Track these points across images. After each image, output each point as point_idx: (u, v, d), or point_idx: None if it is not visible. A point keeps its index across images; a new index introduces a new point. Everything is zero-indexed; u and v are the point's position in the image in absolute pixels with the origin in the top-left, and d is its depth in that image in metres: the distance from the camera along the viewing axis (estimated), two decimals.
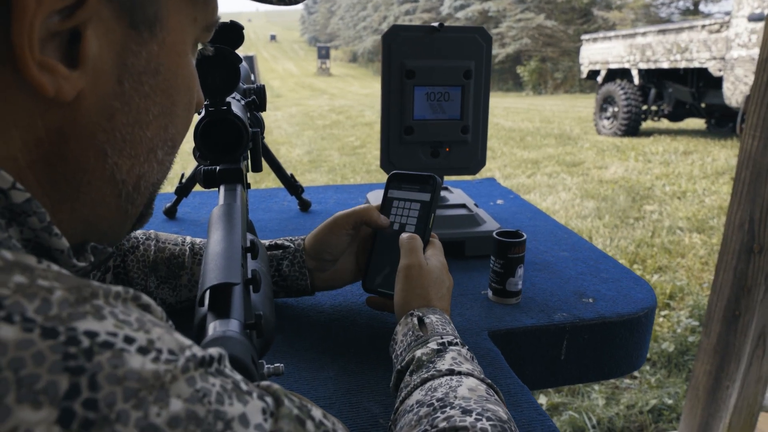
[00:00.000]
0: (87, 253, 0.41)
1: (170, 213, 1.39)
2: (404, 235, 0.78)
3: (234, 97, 0.77)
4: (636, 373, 2.46)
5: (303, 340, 0.83)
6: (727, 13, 7.39)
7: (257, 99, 0.82)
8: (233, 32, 0.94)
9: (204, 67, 0.65)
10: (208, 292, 0.49)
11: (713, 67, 7.37)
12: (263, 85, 0.87)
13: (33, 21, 0.29)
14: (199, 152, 0.69)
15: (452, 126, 1.16)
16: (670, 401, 2.23)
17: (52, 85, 0.31)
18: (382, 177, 5.82)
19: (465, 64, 1.14)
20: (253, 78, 1.05)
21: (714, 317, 1.68)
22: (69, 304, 0.25)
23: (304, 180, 6.01)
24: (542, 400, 2.25)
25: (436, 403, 0.52)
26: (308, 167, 6.86)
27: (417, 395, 0.56)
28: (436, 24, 1.12)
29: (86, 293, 0.26)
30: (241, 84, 0.87)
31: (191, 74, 0.43)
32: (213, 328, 0.46)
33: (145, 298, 0.31)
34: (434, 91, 1.14)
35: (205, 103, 0.68)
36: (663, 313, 2.99)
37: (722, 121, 8.43)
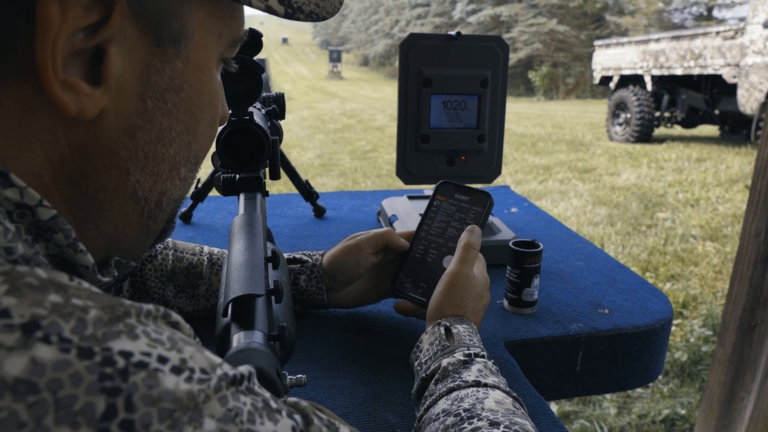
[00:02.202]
0: (111, 267, 0.41)
1: (186, 218, 1.40)
2: (465, 239, 0.75)
3: (255, 106, 0.77)
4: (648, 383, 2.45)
5: (320, 349, 0.83)
6: (742, 20, 7.35)
7: (277, 108, 0.82)
8: (252, 40, 0.95)
9: (227, 77, 0.66)
10: (231, 303, 0.49)
11: (727, 74, 7.32)
12: (282, 94, 0.87)
13: (57, 39, 0.29)
14: (220, 161, 0.69)
15: (468, 134, 1.16)
16: (683, 411, 2.22)
17: (74, 104, 0.31)
18: (393, 182, 5.83)
19: (482, 73, 1.14)
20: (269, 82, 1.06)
21: (729, 327, 1.67)
22: (103, 324, 0.26)
23: (315, 184, 6.03)
24: (553, 407, 2.24)
25: (463, 414, 0.52)
26: (319, 171, 6.88)
27: (442, 404, 0.56)
28: (453, 32, 1.13)
29: (119, 312, 0.27)
30: (264, 87, 0.87)
31: (215, 90, 0.42)
32: (237, 339, 0.46)
33: (175, 316, 0.31)
34: (451, 100, 1.14)
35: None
36: (676, 322, 2.97)
37: (736, 128, 8.37)
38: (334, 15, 0.44)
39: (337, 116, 13.19)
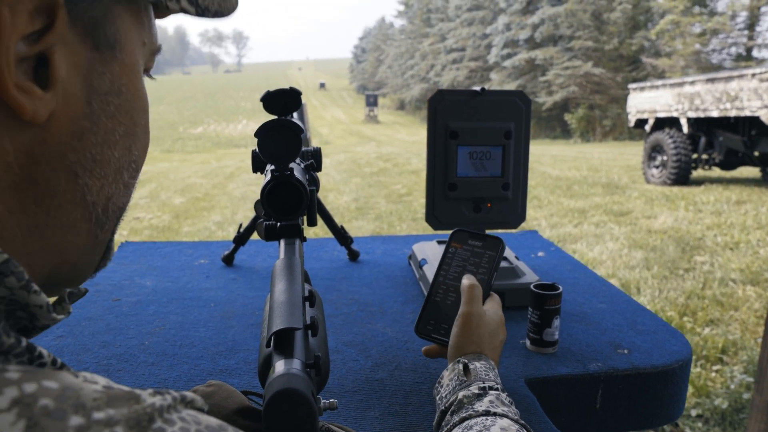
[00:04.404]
0: (65, 303, 0.41)
1: (228, 260, 1.49)
2: (466, 282, 0.82)
3: (295, 161, 0.86)
4: (688, 430, 2.41)
5: (351, 383, 0.90)
6: None
7: (314, 162, 0.91)
8: (292, 97, 1.05)
9: (270, 135, 0.75)
10: (273, 336, 0.57)
11: (765, 116, 7.25)
12: (319, 148, 0.96)
13: (8, 43, 0.30)
14: (264, 211, 0.78)
15: (493, 183, 1.23)
16: None
17: (30, 107, 0.32)
18: (429, 226, 5.88)
19: (505, 125, 1.21)
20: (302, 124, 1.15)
21: (766, 373, 1.66)
22: None
23: (351, 227, 6.13)
24: None
25: None
26: (355, 214, 6.99)
27: None
28: (478, 88, 1.21)
29: (144, 422, 0.27)
30: (303, 142, 0.96)
31: (146, 96, 0.44)
32: (279, 366, 0.53)
33: (189, 395, 0.32)
34: (476, 151, 1.22)
35: (272, 168, 0.77)
36: (715, 367, 2.92)
37: None
38: (233, 11, 0.48)
39: (373, 160, 13.40)
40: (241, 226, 1.47)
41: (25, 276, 0.32)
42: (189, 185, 9.91)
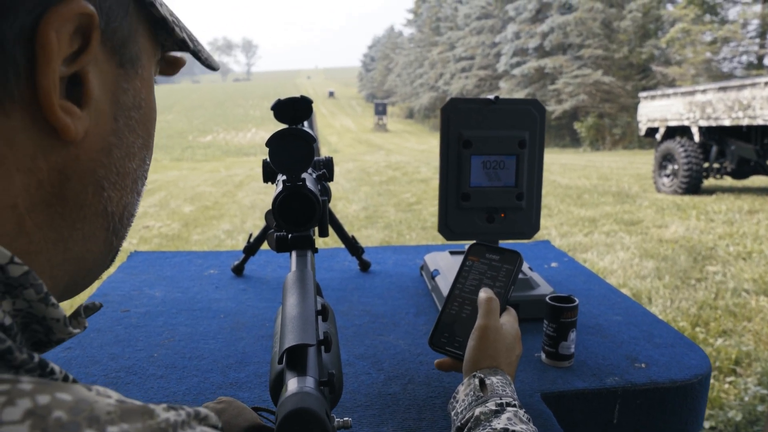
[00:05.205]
0: (81, 317, 0.41)
1: (238, 270, 1.48)
2: (483, 295, 0.80)
3: (307, 171, 0.85)
4: None
5: (364, 397, 0.88)
6: None
7: (326, 171, 0.90)
8: (303, 106, 1.04)
9: (282, 145, 0.73)
10: (285, 352, 0.55)
11: None
12: (331, 158, 0.95)
13: (55, 66, 0.31)
14: (275, 222, 0.76)
15: (507, 193, 1.21)
16: None
17: (73, 127, 0.33)
18: (438, 235, 5.87)
19: (520, 135, 1.20)
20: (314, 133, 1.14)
21: None
22: None
23: (360, 236, 6.12)
24: None
25: None
26: (364, 223, 6.98)
27: None
28: (492, 97, 1.20)
29: None
30: (315, 152, 0.95)
31: (156, 107, 0.46)
32: (292, 384, 0.52)
33: (203, 411, 0.32)
34: (490, 160, 1.20)
35: (283, 178, 0.76)
36: (728, 379, 2.88)
37: None
38: (216, 70, 0.51)
39: (383, 168, 13.40)
40: (251, 236, 1.45)
41: (44, 289, 0.32)
42: (198, 194, 9.94)
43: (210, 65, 0.49)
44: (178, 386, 0.94)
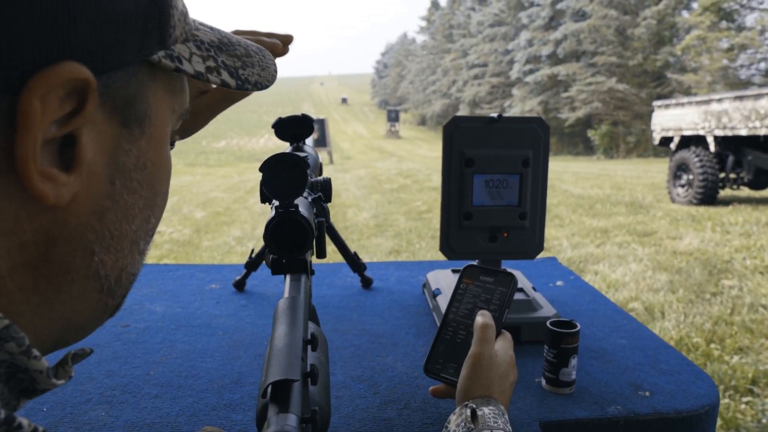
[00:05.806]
0: (68, 366, 0.39)
1: (239, 285, 1.47)
2: (480, 320, 0.78)
3: (302, 195, 0.84)
4: None
5: (358, 422, 0.86)
6: None
7: (323, 194, 0.89)
8: (304, 124, 1.03)
9: (275, 171, 0.72)
10: (270, 387, 0.54)
11: None
12: (329, 179, 0.94)
13: (37, 134, 0.29)
14: (268, 248, 0.75)
15: (510, 212, 1.19)
16: None
17: (53, 194, 0.31)
18: None
19: (523, 153, 1.18)
20: (323, 139, 1.13)
21: None
22: None
23: (369, 244, 6.11)
24: None
25: None
26: (374, 231, 6.97)
27: None
28: (495, 115, 1.18)
29: None
30: (310, 177, 0.94)
31: (170, 163, 0.43)
32: (273, 422, 0.51)
33: None
34: (493, 179, 1.19)
35: (276, 204, 0.74)
36: (745, 399, 2.82)
37: None
38: (273, 83, 0.48)
39: (394, 176, 13.39)
40: (252, 251, 1.45)
41: (26, 342, 0.31)
42: (210, 199, 9.99)
43: (260, 85, 0.46)
44: (172, 407, 0.92)
